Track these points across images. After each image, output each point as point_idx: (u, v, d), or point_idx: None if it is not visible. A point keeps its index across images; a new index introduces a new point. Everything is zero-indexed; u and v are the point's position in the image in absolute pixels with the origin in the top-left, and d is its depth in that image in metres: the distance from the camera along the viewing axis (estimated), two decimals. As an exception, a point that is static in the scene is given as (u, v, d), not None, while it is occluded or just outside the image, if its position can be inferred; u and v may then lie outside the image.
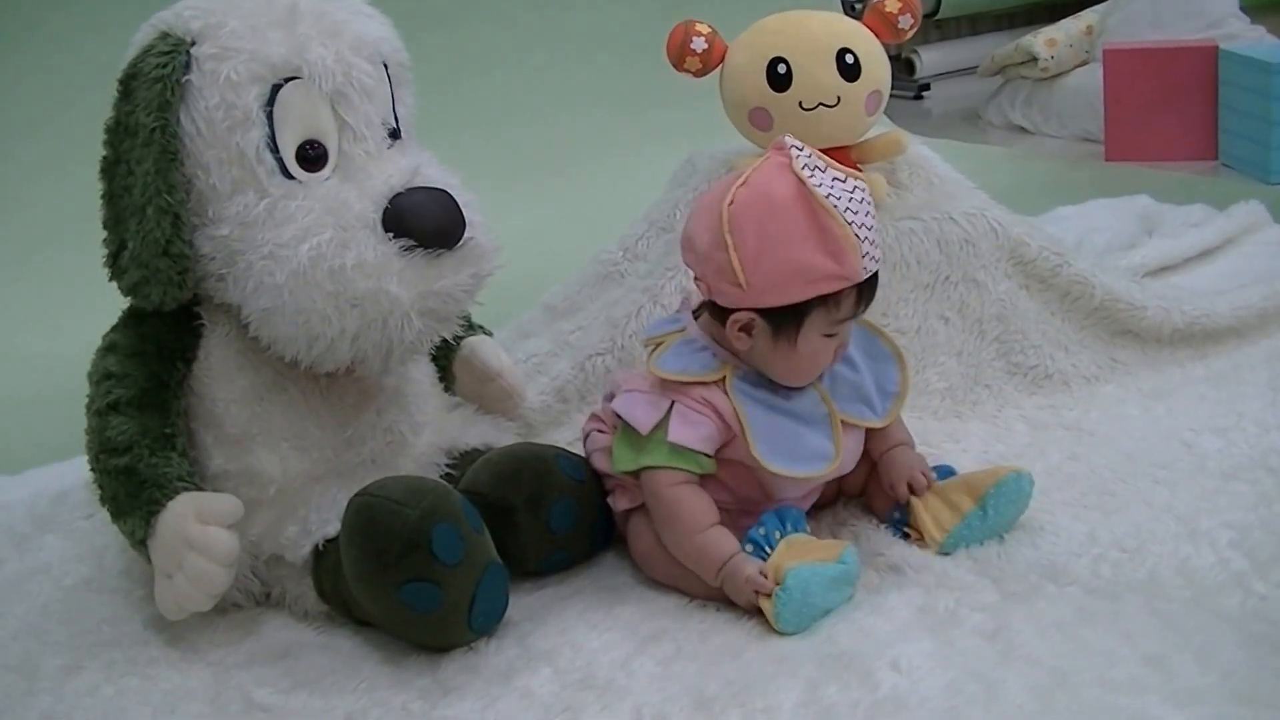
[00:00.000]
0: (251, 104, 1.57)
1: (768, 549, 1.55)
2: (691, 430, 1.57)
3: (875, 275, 1.58)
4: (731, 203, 1.55)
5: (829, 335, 1.58)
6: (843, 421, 1.62)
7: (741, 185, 1.56)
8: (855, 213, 1.53)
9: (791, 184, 1.54)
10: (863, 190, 1.56)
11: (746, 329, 1.58)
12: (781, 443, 1.58)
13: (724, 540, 1.56)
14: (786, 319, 1.56)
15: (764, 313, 1.57)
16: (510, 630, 1.56)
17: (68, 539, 1.86)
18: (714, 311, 1.62)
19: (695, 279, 1.63)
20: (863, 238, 1.53)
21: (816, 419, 1.61)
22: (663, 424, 1.58)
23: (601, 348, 2.00)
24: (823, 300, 1.55)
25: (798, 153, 1.55)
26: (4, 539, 1.86)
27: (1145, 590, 1.50)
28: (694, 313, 1.67)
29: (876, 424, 1.66)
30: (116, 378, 1.62)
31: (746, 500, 1.62)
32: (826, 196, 1.52)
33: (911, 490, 1.65)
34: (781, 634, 1.48)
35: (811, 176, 1.53)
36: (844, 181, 1.55)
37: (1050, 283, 2.07)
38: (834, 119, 1.97)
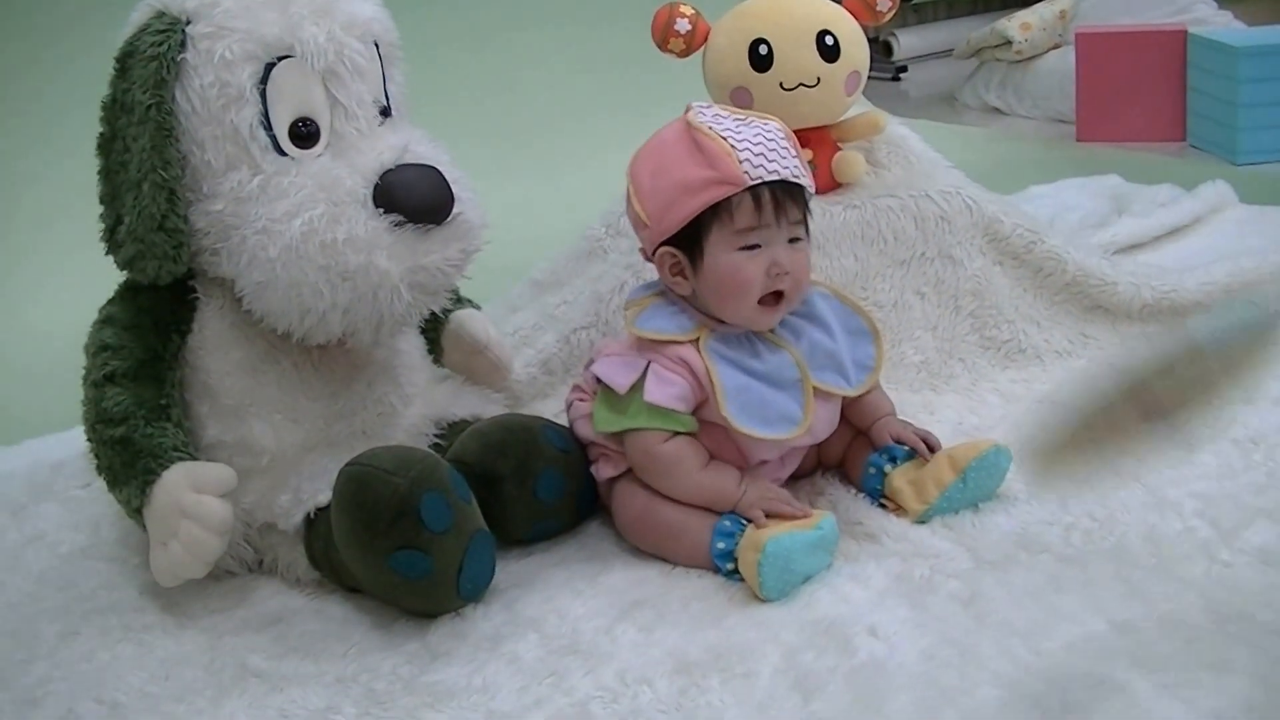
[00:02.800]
0: (245, 82, 1.57)
1: (745, 522, 1.55)
2: (667, 389, 1.58)
3: (789, 187, 1.58)
4: (634, 160, 1.63)
5: (747, 249, 1.58)
6: (816, 389, 1.62)
7: (646, 144, 1.64)
8: (740, 134, 1.57)
9: (679, 127, 1.61)
10: (766, 127, 1.59)
11: (675, 270, 1.62)
12: (751, 404, 1.59)
13: (727, 469, 1.60)
14: (691, 242, 1.59)
15: (674, 244, 1.60)
16: (497, 597, 1.56)
17: (65, 508, 1.85)
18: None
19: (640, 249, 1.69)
20: (742, 147, 1.55)
21: (788, 383, 1.61)
22: (639, 384, 1.59)
23: (586, 321, 2.00)
24: (715, 212, 1.57)
25: (698, 106, 1.62)
26: (2, 508, 1.86)
27: (1114, 558, 1.50)
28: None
29: (849, 393, 1.66)
30: (113, 350, 1.61)
31: (727, 464, 1.62)
32: (704, 122, 1.58)
33: (930, 448, 1.67)
34: (763, 600, 1.48)
35: (699, 116, 1.59)
36: (744, 119, 1.60)
37: (1024, 259, 2.07)
38: (814, 99, 1.97)
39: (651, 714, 1.33)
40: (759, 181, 1.55)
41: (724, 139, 1.56)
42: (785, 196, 1.58)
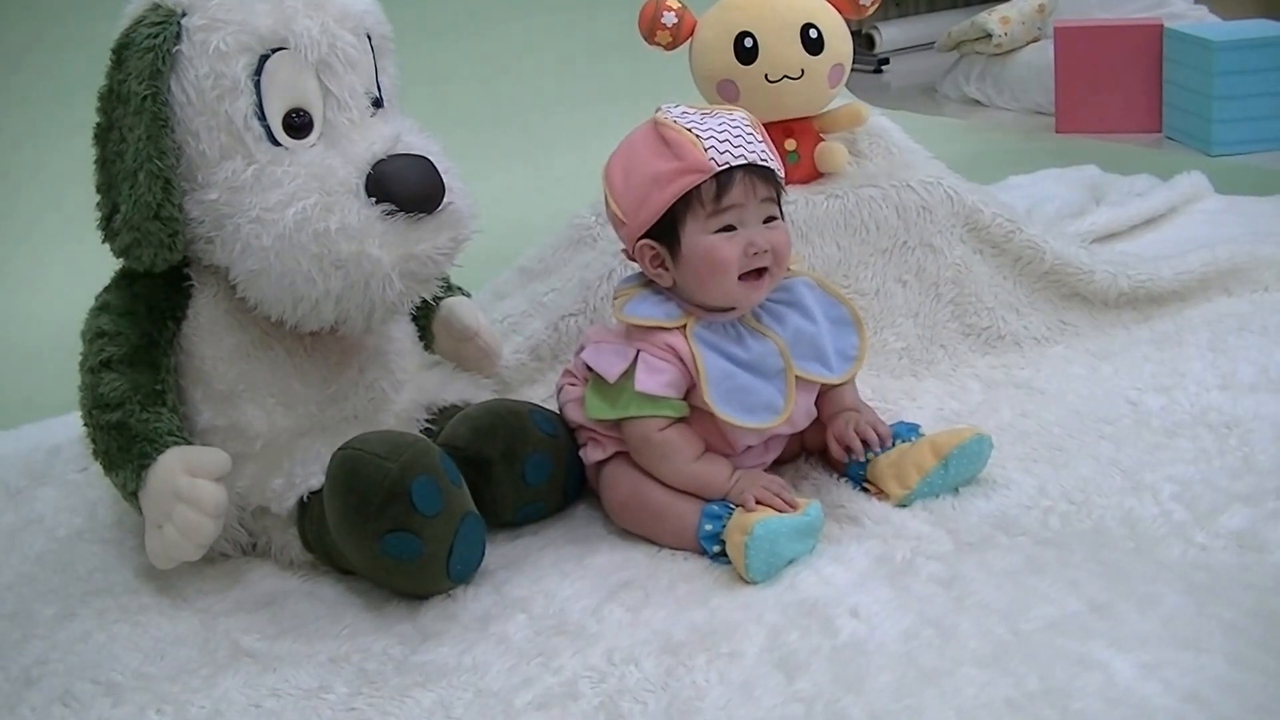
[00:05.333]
0: (240, 73, 1.56)
1: (732, 507, 1.55)
2: (657, 377, 1.57)
3: (758, 170, 1.58)
4: (608, 163, 1.64)
5: (722, 232, 1.58)
6: (798, 378, 1.62)
7: (617, 147, 1.65)
8: (704, 124, 1.58)
9: (647, 127, 1.62)
10: (731, 117, 1.60)
11: (656, 262, 1.62)
12: (733, 391, 1.58)
13: (720, 460, 1.61)
14: (667, 232, 1.60)
15: (652, 237, 1.61)
16: (487, 579, 1.55)
17: (61, 491, 1.85)
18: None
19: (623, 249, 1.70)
20: (707, 136, 1.56)
21: (771, 372, 1.61)
22: (629, 372, 1.58)
23: (574, 309, 1.99)
24: (687, 201, 1.57)
25: (665, 107, 1.62)
26: (0, 492, 1.85)
27: (1092, 541, 1.50)
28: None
29: (832, 381, 1.65)
30: (109, 336, 1.61)
31: (713, 450, 1.62)
32: (670, 119, 1.59)
33: (866, 445, 1.65)
34: (748, 582, 1.48)
35: (665, 114, 1.60)
36: (709, 112, 1.61)
37: (1003, 248, 2.06)
38: (798, 91, 1.97)
39: (638, 693, 1.32)
40: (726, 166, 1.56)
41: (689, 130, 1.57)
42: (755, 179, 1.58)
